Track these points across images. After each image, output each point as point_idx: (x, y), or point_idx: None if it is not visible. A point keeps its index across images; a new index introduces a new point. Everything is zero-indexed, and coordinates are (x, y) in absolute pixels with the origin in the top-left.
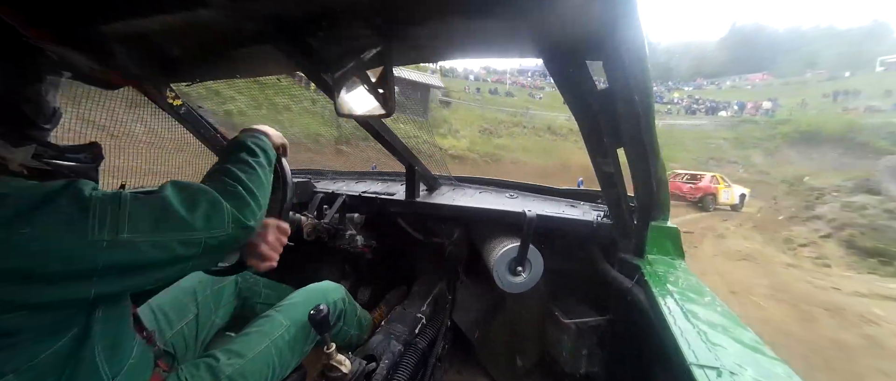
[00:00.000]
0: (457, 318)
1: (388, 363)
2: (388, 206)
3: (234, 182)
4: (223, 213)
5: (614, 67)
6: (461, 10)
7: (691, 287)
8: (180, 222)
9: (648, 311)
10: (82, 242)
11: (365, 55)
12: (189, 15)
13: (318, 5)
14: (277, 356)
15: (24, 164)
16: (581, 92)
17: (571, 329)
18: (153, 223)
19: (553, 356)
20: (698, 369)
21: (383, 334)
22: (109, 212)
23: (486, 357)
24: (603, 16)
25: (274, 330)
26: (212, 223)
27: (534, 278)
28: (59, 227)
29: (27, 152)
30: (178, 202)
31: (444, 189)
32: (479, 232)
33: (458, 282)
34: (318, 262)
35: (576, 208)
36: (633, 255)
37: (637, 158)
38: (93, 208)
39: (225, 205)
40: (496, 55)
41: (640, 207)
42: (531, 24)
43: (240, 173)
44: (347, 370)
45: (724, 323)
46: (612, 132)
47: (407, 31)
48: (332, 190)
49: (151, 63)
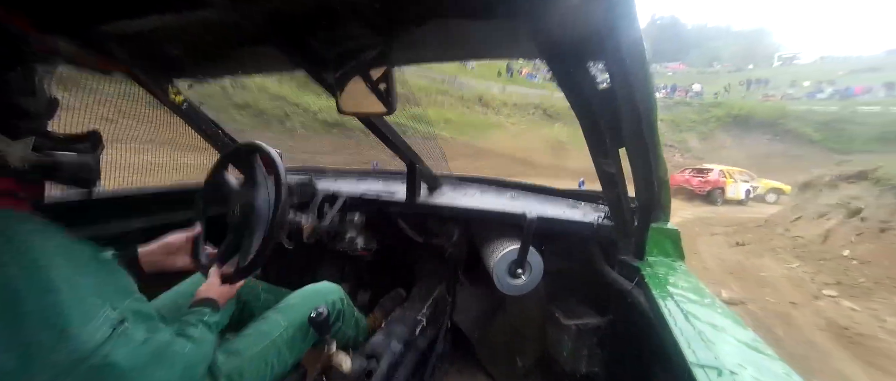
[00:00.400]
0: (457, 319)
1: (389, 363)
2: (389, 207)
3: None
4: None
5: (615, 68)
6: (461, 10)
7: (691, 288)
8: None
9: (648, 312)
10: (28, 370)
11: (365, 55)
12: (190, 14)
13: (319, 5)
14: (276, 356)
15: (24, 157)
16: (582, 92)
17: (571, 330)
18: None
19: (553, 357)
20: (699, 368)
21: (384, 334)
22: (69, 360)
23: (487, 358)
24: (603, 16)
25: (272, 330)
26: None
27: (533, 280)
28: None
29: (26, 146)
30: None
31: (444, 189)
32: (479, 233)
33: (459, 283)
34: (317, 264)
35: (576, 209)
36: (633, 256)
37: (638, 159)
38: (60, 349)
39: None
40: (497, 56)
41: (641, 208)
42: (531, 24)
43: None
44: (347, 370)
45: (725, 323)
46: (614, 132)
47: (407, 30)
48: (332, 190)
49: (153, 60)
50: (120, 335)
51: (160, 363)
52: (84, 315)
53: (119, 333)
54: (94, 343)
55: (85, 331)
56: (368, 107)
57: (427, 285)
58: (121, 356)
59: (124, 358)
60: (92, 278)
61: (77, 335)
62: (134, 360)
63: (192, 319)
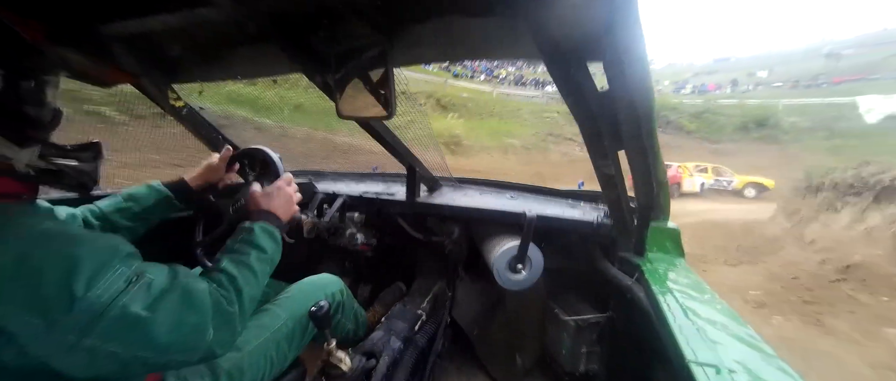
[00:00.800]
0: (456, 315)
1: (388, 360)
2: (389, 207)
3: (234, 298)
4: (203, 342)
5: (615, 69)
6: (461, 10)
7: (691, 286)
8: (152, 348)
9: (648, 309)
10: (51, 334)
11: (365, 55)
12: (190, 15)
13: (319, 5)
14: (275, 350)
15: (30, 164)
16: (582, 94)
17: (571, 327)
18: (123, 341)
19: (552, 354)
20: (697, 366)
21: (383, 331)
22: (88, 317)
23: (486, 355)
24: (603, 17)
25: (272, 323)
26: (186, 348)
27: (534, 275)
28: (36, 307)
29: (33, 153)
30: (163, 328)
31: (444, 190)
32: (479, 232)
33: (458, 280)
34: (317, 260)
35: (576, 209)
36: (633, 254)
37: (637, 160)
38: (77, 308)
39: (209, 334)
40: (497, 57)
41: (641, 207)
42: (531, 24)
43: (242, 284)
44: (347, 368)
45: (724, 321)
46: (613, 134)
47: (408, 31)
48: (332, 191)
49: (152, 63)
50: (139, 287)
51: (188, 306)
52: (94, 273)
53: (137, 285)
54: (109, 297)
55: (97, 287)
56: (368, 111)
57: (426, 281)
58: (139, 306)
59: (143, 308)
60: (99, 246)
61: (88, 292)
62: (155, 309)
63: (230, 244)
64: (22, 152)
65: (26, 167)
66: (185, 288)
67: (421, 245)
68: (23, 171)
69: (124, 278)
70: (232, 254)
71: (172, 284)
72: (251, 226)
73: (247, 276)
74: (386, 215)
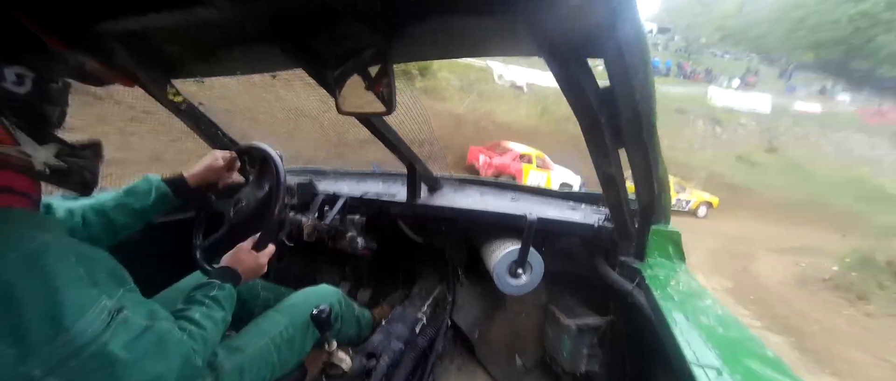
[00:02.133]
0: (457, 318)
1: (389, 362)
2: (390, 208)
3: (201, 351)
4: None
5: (615, 65)
6: (461, 7)
7: (692, 290)
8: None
9: (649, 313)
10: (19, 367)
11: (365, 53)
12: (189, 13)
13: (318, 3)
14: (277, 354)
15: (47, 162)
16: (582, 91)
17: (571, 329)
18: (89, 378)
19: (553, 357)
20: (699, 369)
21: (384, 333)
22: (64, 353)
23: (486, 357)
24: (604, 13)
25: (273, 328)
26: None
27: (534, 281)
28: (14, 337)
29: (50, 151)
30: (134, 370)
31: (445, 190)
32: (479, 234)
33: (459, 283)
34: (318, 263)
35: (577, 211)
36: (633, 258)
37: (638, 159)
38: (55, 343)
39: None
40: (496, 53)
41: (641, 209)
42: (531, 21)
43: (210, 339)
44: (348, 368)
45: (725, 325)
46: (614, 132)
47: (407, 29)
48: (333, 191)
49: (151, 60)
50: (119, 323)
51: (159, 352)
52: (80, 307)
53: (117, 321)
54: (92, 333)
55: (81, 321)
56: (368, 107)
57: (427, 284)
58: (118, 345)
59: (122, 347)
60: (87, 270)
61: (72, 325)
62: (132, 349)
63: (199, 296)
64: (41, 150)
65: (43, 165)
66: (161, 334)
67: (421, 249)
68: (40, 168)
69: (107, 311)
70: (203, 307)
71: (150, 325)
72: (225, 286)
73: (212, 331)
74: (387, 216)
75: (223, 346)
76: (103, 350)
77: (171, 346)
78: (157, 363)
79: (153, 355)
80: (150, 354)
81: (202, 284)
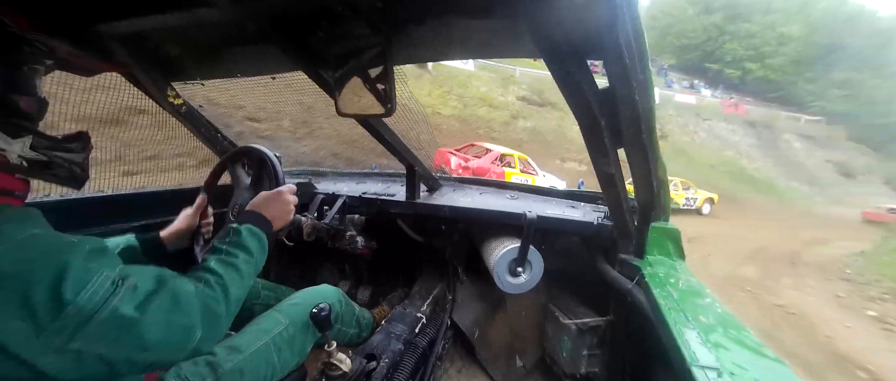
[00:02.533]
0: (457, 317)
1: (389, 362)
2: (389, 207)
3: (221, 298)
4: (191, 341)
5: (615, 66)
6: (461, 8)
7: (692, 288)
8: (140, 348)
9: (649, 312)
10: (39, 339)
11: (365, 54)
12: (190, 15)
13: (318, 5)
14: (277, 354)
15: (22, 155)
16: (582, 91)
17: (571, 329)
18: (111, 342)
19: (553, 356)
20: (698, 369)
21: (384, 333)
22: (76, 321)
23: (486, 357)
24: (603, 14)
25: (273, 328)
26: (173, 347)
27: (534, 279)
28: (25, 313)
29: (25, 143)
30: (152, 327)
31: (444, 190)
32: (479, 233)
33: (459, 282)
34: (317, 262)
35: (576, 209)
36: (633, 256)
37: (637, 159)
38: (66, 312)
39: (197, 334)
40: (496, 55)
41: (641, 207)
42: (531, 22)
43: (229, 284)
44: (347, 369)
45: (725, 324)
46: (613, 132)
47: (407, 29)
48: (332, 191)
49: (151, 61)
50: (126, 289)
51: (177, 306)
52: (80, 279)
53: (124, 288)
54: (99, 300)
55: (84, 292)
56: (367, 108)
57: (427, 283)
58: (129, 308)
59: (134, 309)
60: (86, 249)
61: (75, 297)
62: (145, 310)
63: (216, 244)
64: (14, 143)
65: (19, 158)
66: (173, 290)
67: (421, 248)
68: (16, 162)
69: (111, 281)
70: (219, 254)
71: (159, 286)
72: (238, 228)
73: (233, 276)
74: (386, 216)
75: (222, 346)
76: (115, 314)
77: (187, 299)
78: (179, 317)
79: (171, 310)
80: (168, 309)
81: (221, 234)
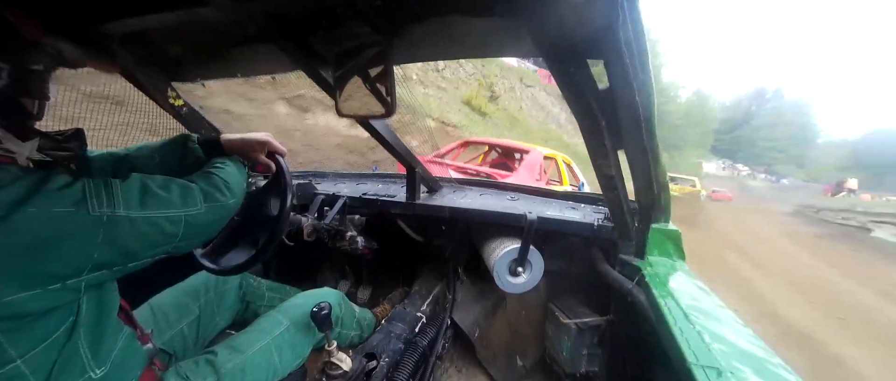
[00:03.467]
0: (457, 317)
1: (389, 362)
2: (389, 207)
3: (203, 173)
4: (194, 193)
5: (616, 67)
6: (461, 8)
7: (693, 288)
8: (161, 199)
9: (649, 312)
10: (85, 218)
11: (365, 54)
12: (189, 14)
13: (319, 4)
14: (277, 355)
15: (30, 157)
16: (582, 92)
17: (571, 329)
18: (140, 201)
19: (553, 356)
20: (699, 368)
21: (384, 332)
22: (103, 190)
23: (486, 357)
24: (604, 14)
25: (273, 328)
26: (187, 202)
27: (534, 279)
28: (63, 202)
29: (33, 145)
30: (154, 185)
31: (444, 191)
32: (479, 233)
33: (459, 282)
34: (318, 263)
35: (577, 211)
36: (634, 256)
37: (638, 161)
38: (87, 188)
39: (194, 186)
40: (497, 54)
41: (641, 209)
42: (532, 22)
43: (208, 169)
44: (348, 368)
45: (726, 324)
46: (614, 134)
47: (407, 30)
48: (332, 192)
49: (151, 61)
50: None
51: (184, 191)
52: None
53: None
54: (99, 213)
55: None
56: (368, 109)
57: (427, 283)
58: (136, 209)
59: (139, 208)
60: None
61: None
62: (146, 205)
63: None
64: (24, 146)
65: (27, 160)
66: (180, 183)
67: (421, 248)
68: (24, 164)
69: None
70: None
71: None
72: (224, 160)
73: (222, 183)
74: (386, 216)
75: (223, 346)
76: (114, 216)
77: (188, 188)
78: (187, 198)
79: (180, 194)
80: (178, 192)
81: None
